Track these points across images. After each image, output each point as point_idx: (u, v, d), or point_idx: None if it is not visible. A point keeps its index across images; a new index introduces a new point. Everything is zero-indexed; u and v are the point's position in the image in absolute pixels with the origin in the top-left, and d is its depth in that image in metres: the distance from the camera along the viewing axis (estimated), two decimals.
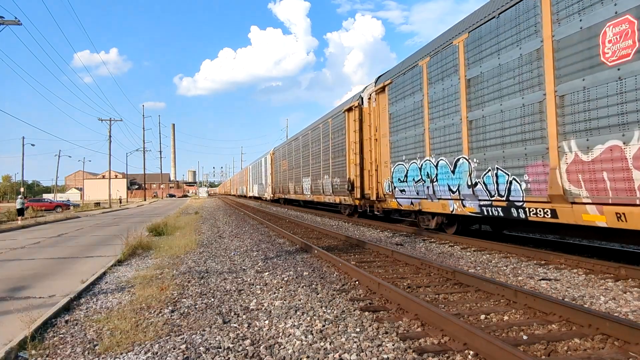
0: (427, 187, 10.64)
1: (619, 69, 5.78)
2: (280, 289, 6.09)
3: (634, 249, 8.20)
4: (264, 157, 41.93)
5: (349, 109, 16.21)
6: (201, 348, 3.94)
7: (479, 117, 8.64)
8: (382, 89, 13.11)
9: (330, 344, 3.93)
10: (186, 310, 5.21)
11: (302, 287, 6.19)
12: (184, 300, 5.69)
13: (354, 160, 15.64)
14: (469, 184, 8.98)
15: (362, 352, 3.74)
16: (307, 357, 3.67)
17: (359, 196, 15.28)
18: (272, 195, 35.93)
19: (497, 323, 4.44)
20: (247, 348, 3.90)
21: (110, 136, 55.94)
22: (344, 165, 16.93)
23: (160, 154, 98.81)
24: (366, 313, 4.85)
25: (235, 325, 4.60)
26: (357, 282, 6.39)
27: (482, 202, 8.71)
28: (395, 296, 5.18)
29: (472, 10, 12.69)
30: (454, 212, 9.79)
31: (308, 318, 4.71)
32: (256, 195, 47.90)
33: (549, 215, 7.06)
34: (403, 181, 11.78)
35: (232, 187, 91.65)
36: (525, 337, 3.94)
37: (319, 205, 28.82)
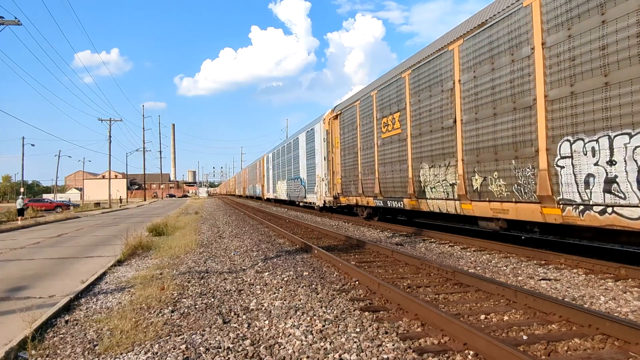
0: None
1: None
2: (280, 289, 6.09)
3: (634, 249, 8.19)
4: (305, 130, 23.81)
5: None
6: (201, 348, 3.94)
7: None
8: None
9: (330, 344, 3.93)
10: (186, 310, 5.21)
11: (302, 287, 6.19)
12: (184, 300, 5.69)
13: None
14: None
15: (362, 352, 3.73)
16: (307, 357, 3.67)
17: None
18: (332, 199, 18.76)
19: (497, 323, 4.44)
20: (247, 348, 3.91)
21: (110, 136, 55.94)
22: None
23: (160, 154, 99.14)
24: (366, 313, 4.85)
25: (235, 325, 4.60)
26: (357, 282, 6.39)
27: None
28: (395, 296, 5.18)
29: (473, 10, 12.02)
30: None
31: (308, 318, 4.71)
32: (284, 198, 30.13)
33: None
34: None
35: (236, 187, 76.32)
36: (525, 337, 3.95)
37: None
